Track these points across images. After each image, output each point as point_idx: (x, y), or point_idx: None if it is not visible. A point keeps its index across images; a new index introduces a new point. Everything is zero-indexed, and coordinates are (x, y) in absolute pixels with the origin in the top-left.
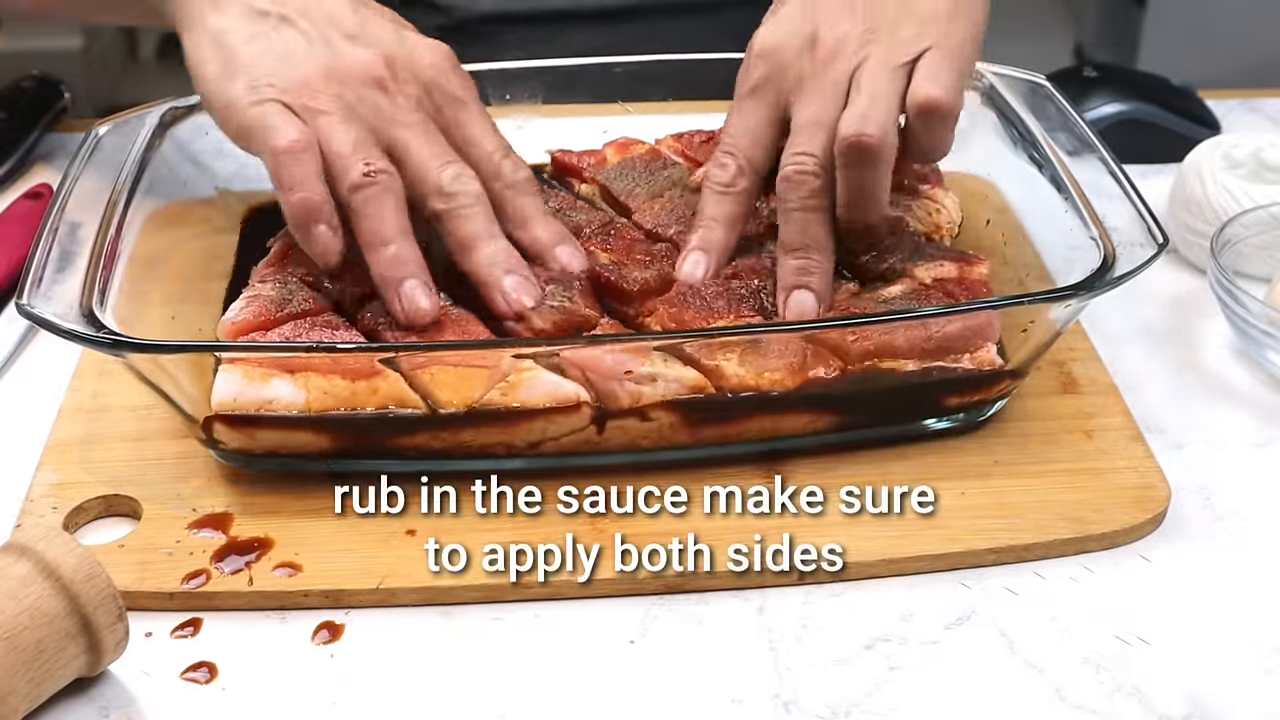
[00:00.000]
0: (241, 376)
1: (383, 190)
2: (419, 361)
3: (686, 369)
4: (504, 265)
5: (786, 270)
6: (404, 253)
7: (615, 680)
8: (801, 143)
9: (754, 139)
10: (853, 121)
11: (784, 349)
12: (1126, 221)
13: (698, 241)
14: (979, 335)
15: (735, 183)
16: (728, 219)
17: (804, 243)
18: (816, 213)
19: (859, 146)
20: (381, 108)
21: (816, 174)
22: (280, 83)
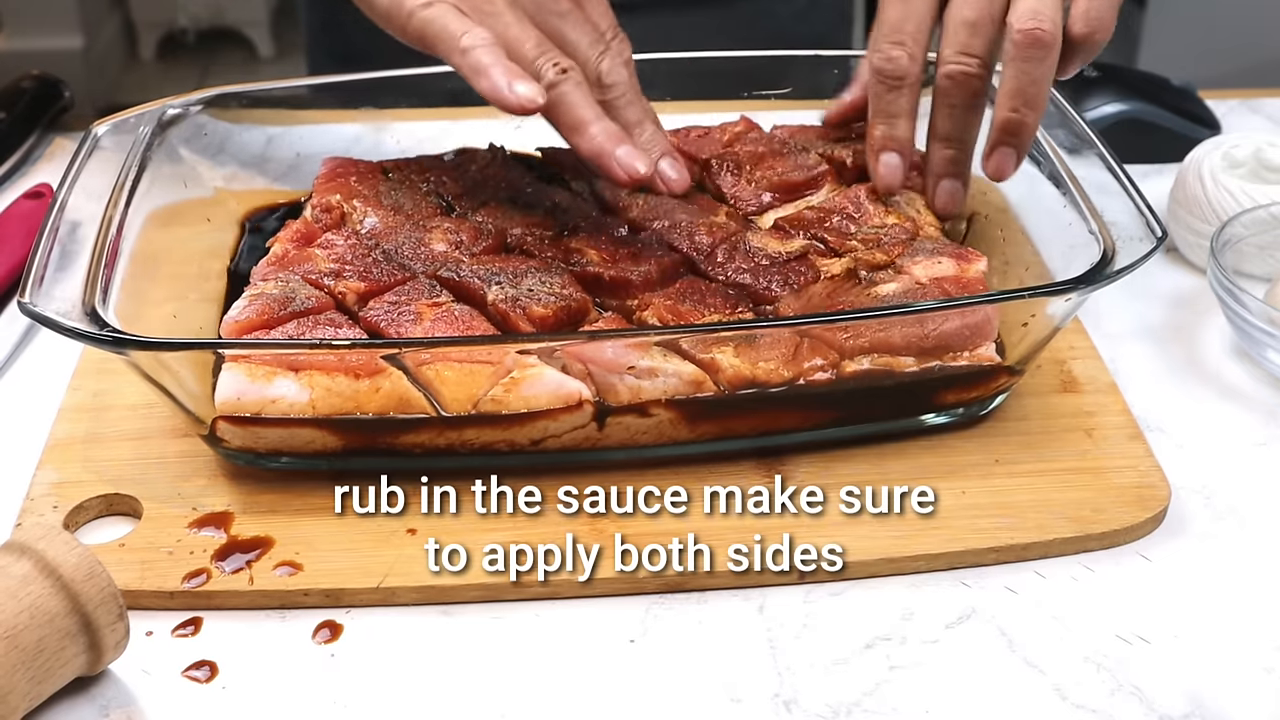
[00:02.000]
0: (245, 375)
1: (575, 84)
2: (423, 358)
3: (685, 363)
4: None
5: (939, 159)
6: (609, 127)
7: (615, 680)
8: (964, 40)
9: (918, 28)
10: (1026, 16)
11: (780, 341)
12: (1125, 217)
13: (883, 140)
14: (977, 334)
15: (908, 72)
16: (907, 111)
17: (960, 137)
18: (975, 111)
19: (1034, 39)
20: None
21: (980, 75)
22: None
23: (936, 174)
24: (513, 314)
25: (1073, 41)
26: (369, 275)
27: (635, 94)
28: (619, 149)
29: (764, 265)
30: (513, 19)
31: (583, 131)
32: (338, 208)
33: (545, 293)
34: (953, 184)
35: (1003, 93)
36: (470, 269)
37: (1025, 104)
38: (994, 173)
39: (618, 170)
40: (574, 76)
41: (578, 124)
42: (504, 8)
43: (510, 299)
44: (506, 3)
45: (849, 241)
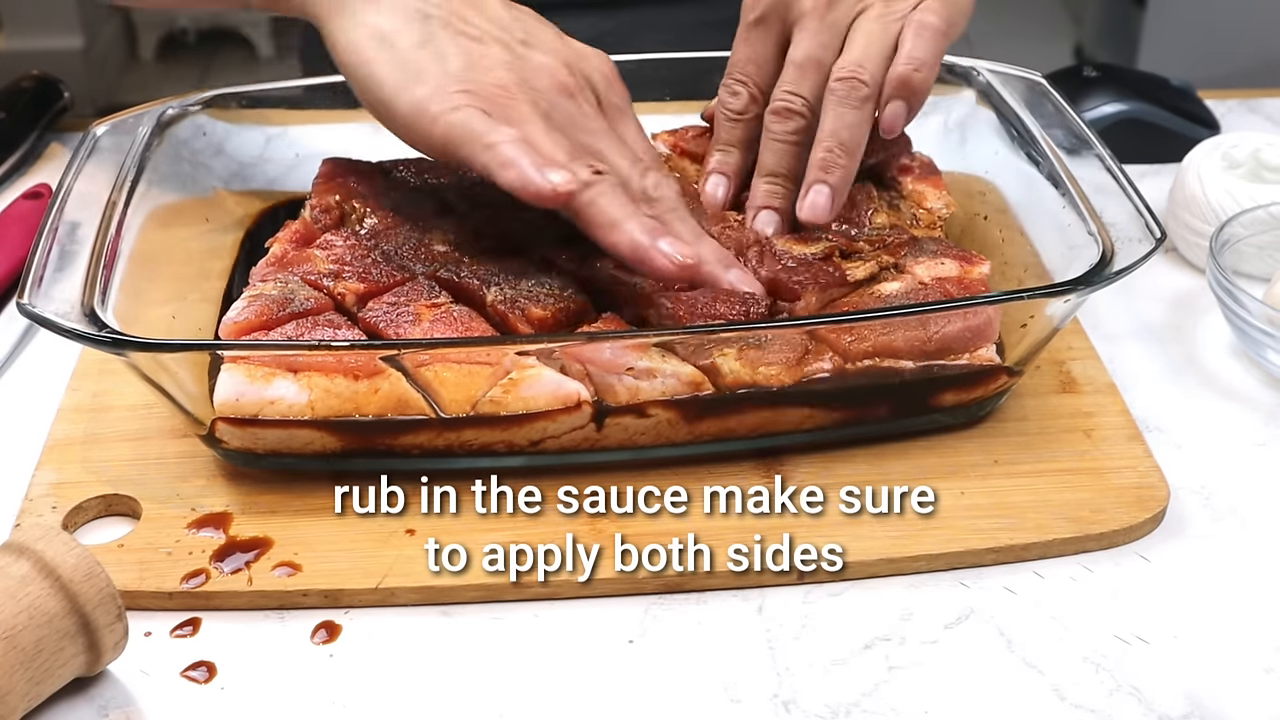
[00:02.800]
0: (244, 376)
1: (612, 185)
2: (422, 359)
3: (684, 365)
4: (723, 262)
5: (758, 192)
6: (646, 222)
7: (615, 680)
8: (794, 79)
9: (760, 67)
10: (848, 65)
11: (782, 343)
12: (1124, 218)
13: (716, 165)
14: (979, 336)
15: (748, 110)
16: (742, 143)
17: (780, 170)
18: (796, 146)
19: (850, 85)
20: (573, 115)
21: (803, 113)
22: (474, 88)
23: (755, 205)
24: (511, 315)
25: (893, 82)
26: (368, 276)
27: (685, 211)
28: (661, 240)
29: (792, 267)
30: (542, 127)
31: (619, 227)
32: (336, 208)
33: (544, 293)
34: (769, 215)
35: (819, 134)
36: (470, 270)
37: (839, 145)
38: (808, 211)
39: (661, 260)
40: (611, 179)
41: (612, 221)
42: (533, 115)
43: (509, 300)
44: (537, 112)
45: (856, 243)
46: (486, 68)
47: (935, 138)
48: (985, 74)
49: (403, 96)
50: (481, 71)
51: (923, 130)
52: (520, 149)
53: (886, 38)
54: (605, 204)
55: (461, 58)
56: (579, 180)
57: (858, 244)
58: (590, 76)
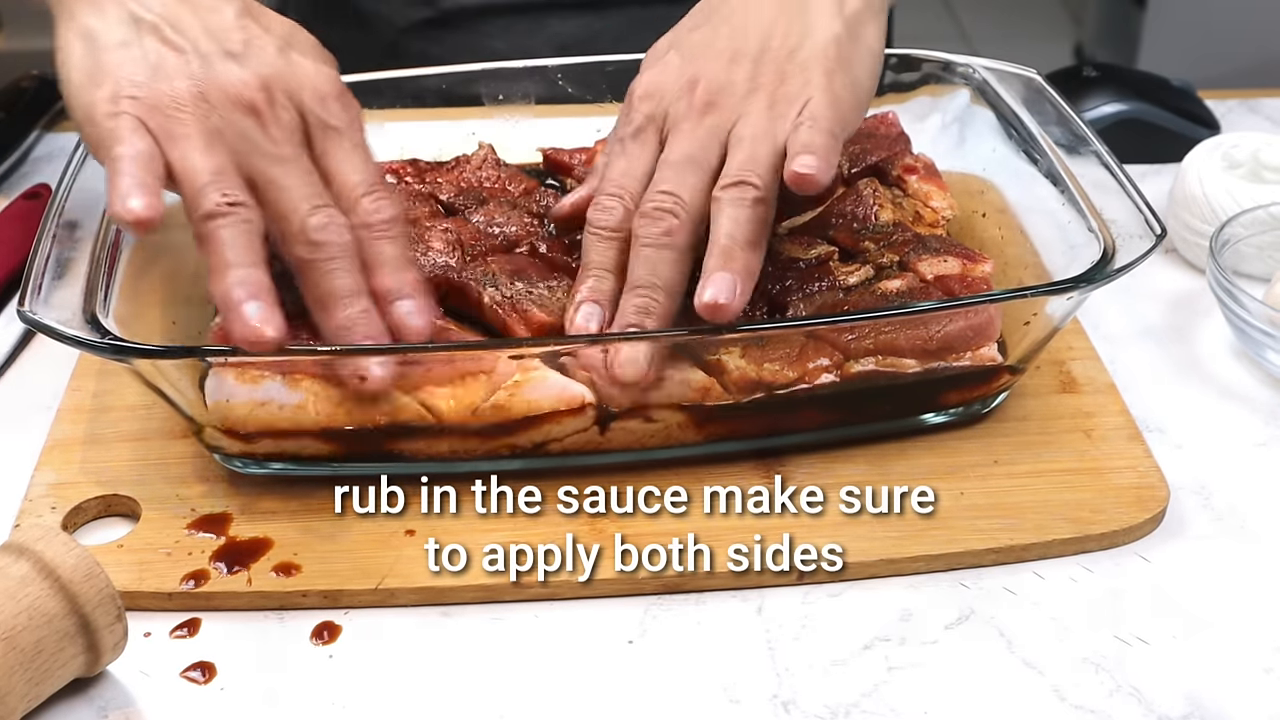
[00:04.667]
0: (233, 379)
1: (238, 222)
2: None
3: (695, 371)
4: (362, 330)
5: (626, 309)
6: (252, 276)
7: (614, 680)
8: (666, 179)
9: (637, 180)
10: (736, 169)
11: (786, 342)
12: (1124, 215)
13: (589, 293)
14: (981, 334)
15: (622, 226)
16: (616, 266)
17: (650, 281)
18: (670, 250)
19: (741, 188)
20: (250, 136)
21: (675, 213)
22: (144, 95)
23: (622, 324)
24: (510, 320)
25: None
26: None
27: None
28: (248, 303)
29: (786, 272)
30: (201, 146)
31: (219, 273)
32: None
33: (545, 293)
34: (633, 347)
35: (714, 235)
36: (469, 270)
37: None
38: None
39: (237, 327)
40: (241, 214)
41: (218, 265)
42: (195, 135)
43: (508, 301)
44: (202, 128)
45: (862, 243)
46: (169, 76)
47: (933, 136)
48: (982, 72)
49: (81, 96)
50: (162, 79)
51: (921, 129)
52: (132, 166)
53: (773, 140)
54: (221, 240)
55: (147, 64)
56: (201, 212)
57: (863, 243)
58: (297, 94)
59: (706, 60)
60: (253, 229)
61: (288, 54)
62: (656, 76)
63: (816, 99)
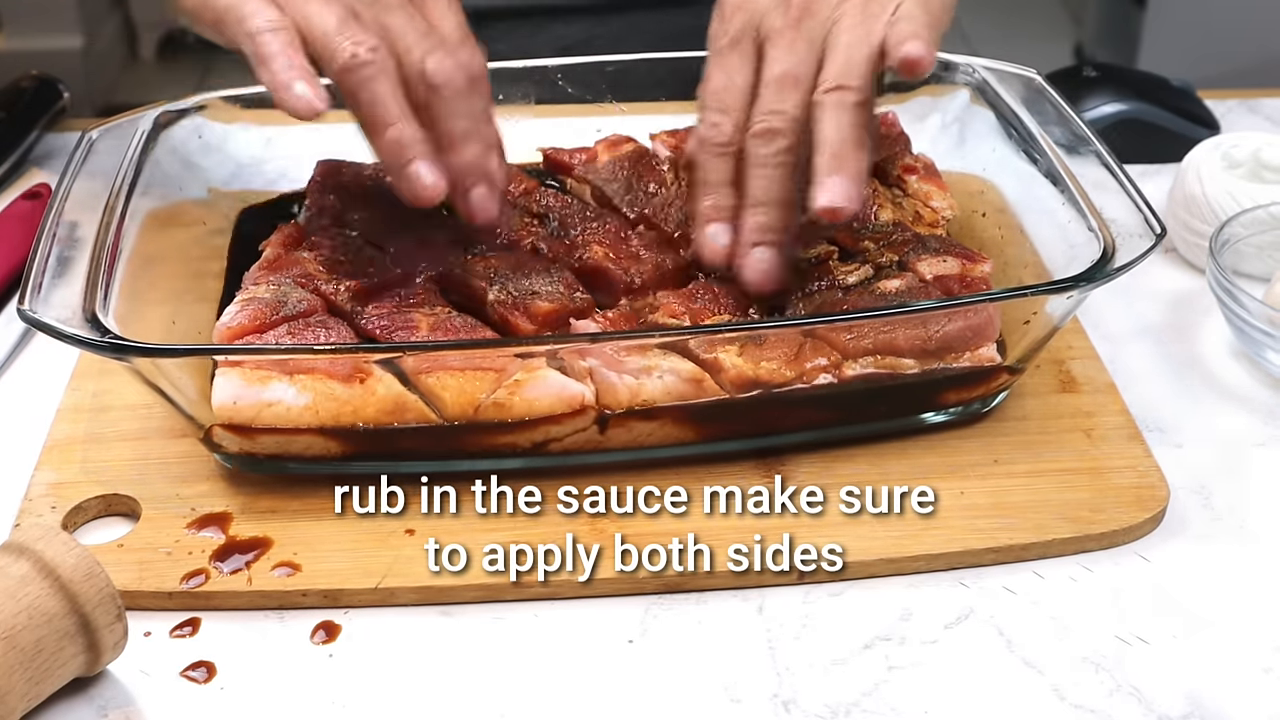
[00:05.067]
0: (240, 379)
1: (378, 71)
2: (423, 366)
3: (684, 361)
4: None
5: (749, 226)
6: (407, 133)
7: (615, 680)
8: (771, 99)
9: (741, 93)
10: (834, 75)
11: (783, 341)
12: (1124, 214)
13: (711, 210)
14: (980, 334)
15: (733, 139)
16: (733, 179)
17: (769, 198)
18: (784, 169)
19: (843, 92)
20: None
21: (785, 131)
22: None
23: (748, 242)
24: (512, 317)
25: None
26: (360, 274)
27: (469, 104)
28: (414, 163)
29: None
30: (319, 2)
31: (379, 130)
32: (332, 208)
33: (548, 290)
34: (764, 251)
35: (819, 141)
36: (472, 267)
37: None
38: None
39: (404, 187)
40: (379, 61)
41: (374, 121)
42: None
43: (511, 299)
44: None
45: (862, 242)
46: None
47: (933, 136)
48: (982, 72)
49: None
50: None
51: (920, 129)
52: (279, 40)
53: (869, 43)
54: (369, 95)
55: None
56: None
57: (862, 242)
58: None
59: None
60: (390, 74)
61: None
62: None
63: (907, 2)
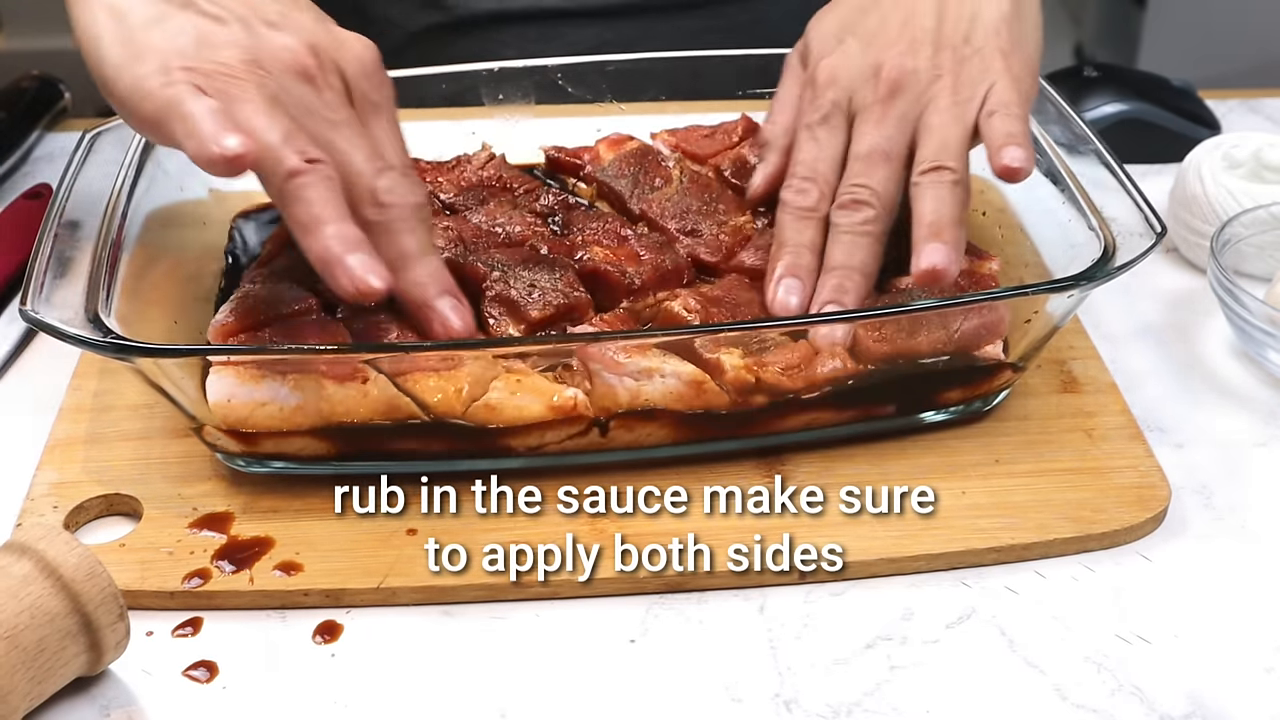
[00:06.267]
0: (233, 377)
1: (322, 179)
2: (401, 368)
3: (684, 364)
4: (439, 285)
5: (826, 288)
6: (343, 229)
7: (615, 680)
8: (860, 171)
9: (831, 166)
10: (931, 155)
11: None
12: (1124, 214)
13: (788, 268)
14: (991, 332)
15: (818, 207)
16: (813, 244)
17: (849, 264)
18: (866, 237)
19: (941, 172)
20: (308, 102)
21: (872, 204)
22: (196, 65)
23: (823, 301)
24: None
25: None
26: None
27: (420, 227)
28: (351, 256)
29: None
30: (264, 110)
31: (313, 230)
32: None
33: (546, 287)
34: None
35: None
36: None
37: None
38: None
39: (344, 281)
40: (324, 171)
41: (308, 222)
42: (254, 95)
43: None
44: (261, 94)
45: None
46: (216, 46)
47: None
48: None
49: (124, 74)
50: (209, 50)
51: None
52: (211, 118)
53: (964, 124)
54: (310, 198)
55: (190, 36)
56: (285, 170)
57: None
58: (342, 64)
59: (885, 47)
60: (335, 184)
61: (326, 24)
62: (838, 62)
63: (1000, 84)
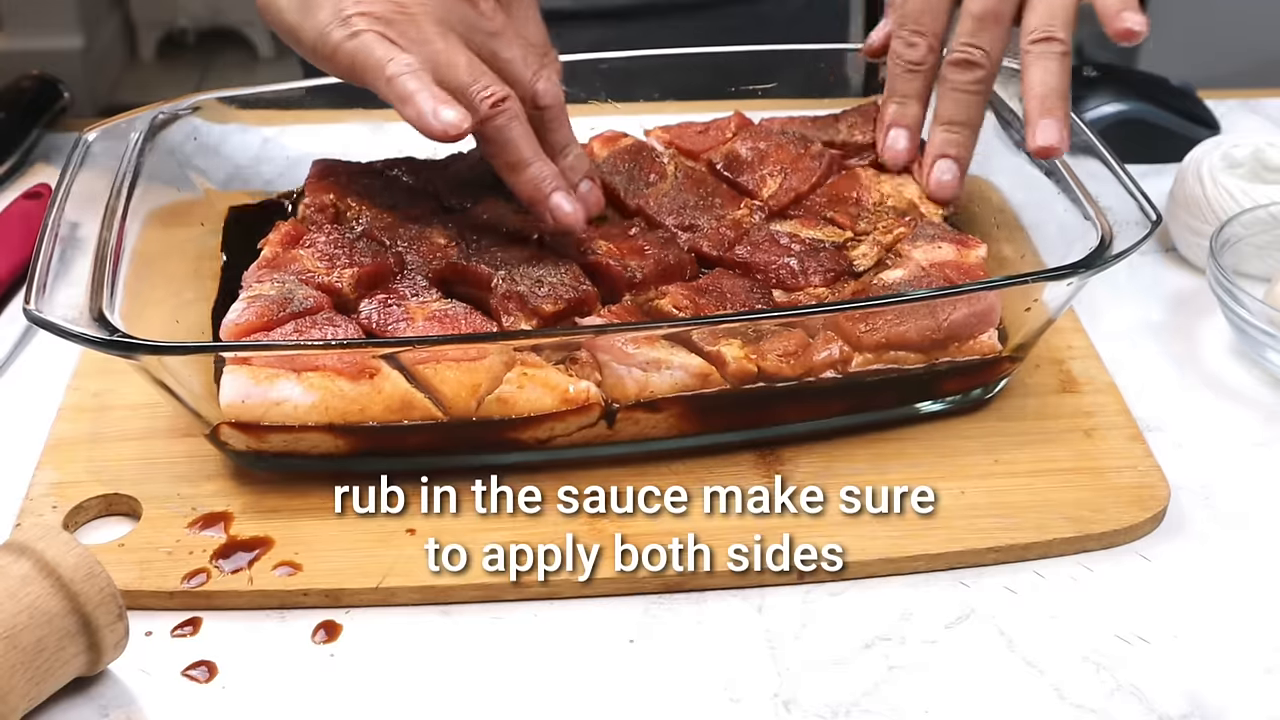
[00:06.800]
0: (247, 377)
1: (511, 117)
2: (421, 357)
3: (692, 356)
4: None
5: (936, 140)
6: (543, 170)
7: (615, 680)
8: (972, 31)
9: (937, 18)
10: (1041, 24)
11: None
12: (1120, 206)
13: (895, 117)
14: (984, 321)
15: (925, 60)
16: (919, 95)
17: (959, 119)
18: (977, 95)
19: (1050, 43)
20: (469, 19)
21: (983, 64)
22: (367, 7)
23: (934, 153)
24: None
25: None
26: (359, 261)
27: (565, 114)
28: (554, 195)
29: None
30: (442, 43)
31: (520, 171)
32: (331, 207)
33: (554, 282)
34: (948, 163)
35: (1026, 87)
36: (478, 256)
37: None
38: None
39: (549, 217)
40: (511, 108)
41: (516, 163)
42: (433, 32)
43: (515, 292)
44: (435, 25)
45: (859, 224)
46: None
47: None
48: None
49: (306, 24)
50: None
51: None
52: (418, 81)
53: None
54: (507, 139)
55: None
56: (481, 115)
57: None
58: None
59: None
60: (521, 116)
61: None
62: None
63: None
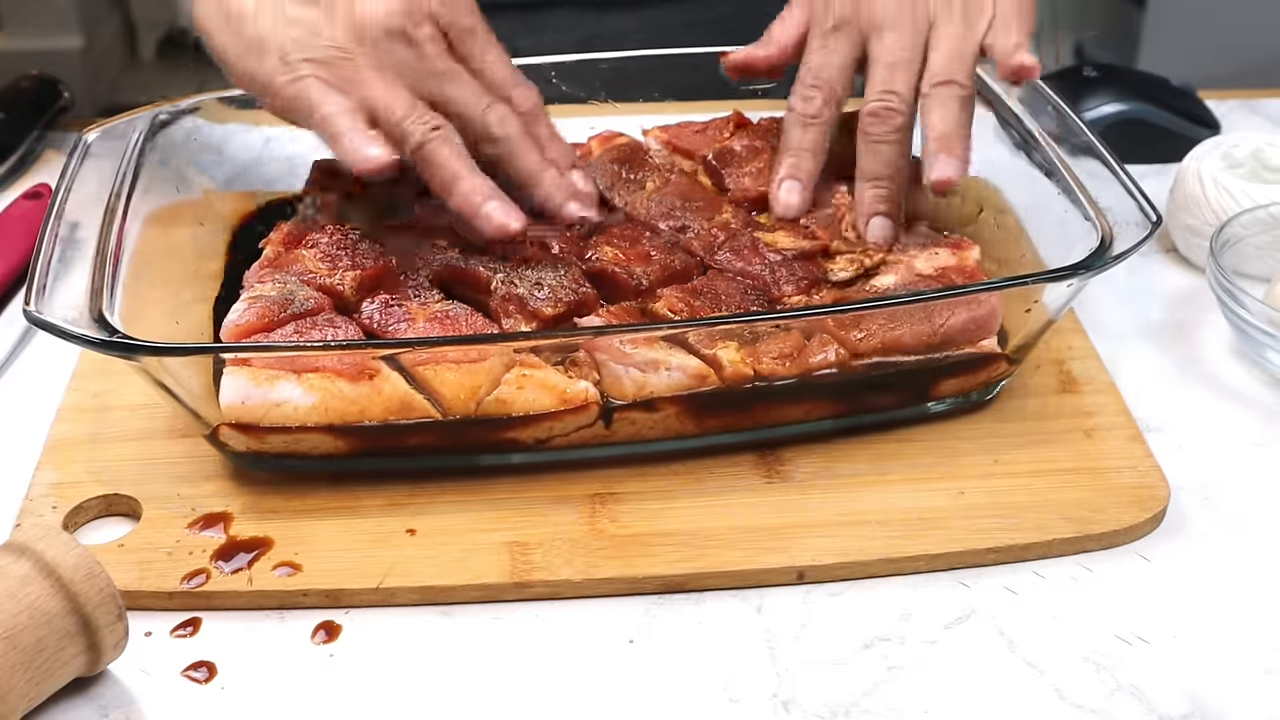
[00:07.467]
0: (248, 378)
1: (443, 141)
2: (421, 359)
3: (690, 357)
4: (564, 193)
5: (866, 198)
6: (475, 183)
7: (615, 680)
8: (885, 80)
9: (838, 73)
10: (941, 69)
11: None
12: (1121, 207)
13: (789, 170)
14: (983, 327)
15: (821, 114)
16: (815, 148)
17: (885, 173)
18: (897, 145)
19: (951, 86)
20: (410, 62)
21: (901, 110)
22: (311, 54)
23: (866, 212)
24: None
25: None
26: (361, 262)
27: (529, 146)
28: (487, 204)
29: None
30: (382, 85)
31: (451, 189)
32: (330, 207)
33: (552, 284)
34: (881, 220)
35: (929, 128)
36: (477, 259)
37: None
38: (941, 181)
39: (484, 225)
40: (444, 134)
41: (446, 182)
42: (371, 75)
43: (514, 294)
44: (374, 70)
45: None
46: (318, 29)
47: None
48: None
49: (244, 67)
50: (314, 34)
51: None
52: (347, 120)
53: (972, 41)
54: (436, 161)
55: (292, 20)
56: (413, 143)
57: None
58: (430, 8)
59: None
60: (456, 143)
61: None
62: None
63: (1003, 4)
